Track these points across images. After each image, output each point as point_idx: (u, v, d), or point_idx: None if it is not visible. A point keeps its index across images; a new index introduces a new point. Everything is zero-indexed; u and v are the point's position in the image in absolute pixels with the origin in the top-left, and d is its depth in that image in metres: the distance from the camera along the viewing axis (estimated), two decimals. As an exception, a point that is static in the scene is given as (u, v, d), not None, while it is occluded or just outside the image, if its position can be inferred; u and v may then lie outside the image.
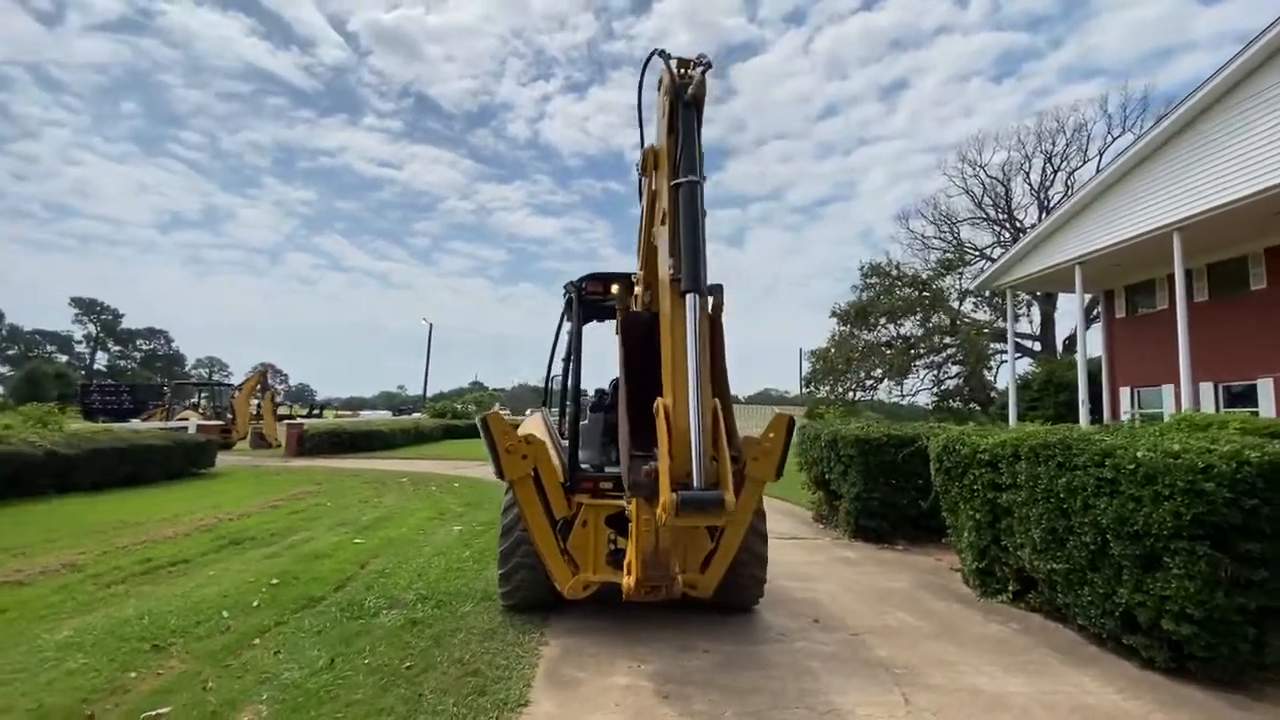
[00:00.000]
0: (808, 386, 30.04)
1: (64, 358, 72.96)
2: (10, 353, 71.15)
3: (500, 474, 4.26)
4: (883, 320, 27.40)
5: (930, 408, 29.32)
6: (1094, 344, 17.67)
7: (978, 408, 26.31)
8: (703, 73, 3.03)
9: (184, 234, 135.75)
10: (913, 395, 29.78)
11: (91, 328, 77.36)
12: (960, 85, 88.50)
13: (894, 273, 27.48)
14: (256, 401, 23.79)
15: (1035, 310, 27.60)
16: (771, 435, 4.52)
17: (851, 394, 28.39)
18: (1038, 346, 27.04)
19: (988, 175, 29.38)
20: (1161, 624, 3.85)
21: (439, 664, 3.89)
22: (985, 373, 27.12)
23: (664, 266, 3.10)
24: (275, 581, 5.65)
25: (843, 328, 28.34)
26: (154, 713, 3.29)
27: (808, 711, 3.42)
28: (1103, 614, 4.31)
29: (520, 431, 4.67)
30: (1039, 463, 4.85)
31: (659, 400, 2.89)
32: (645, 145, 3.47)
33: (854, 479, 7.88)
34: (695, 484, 2.61)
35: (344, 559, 6.60)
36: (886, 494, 7.70)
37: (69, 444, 10.75)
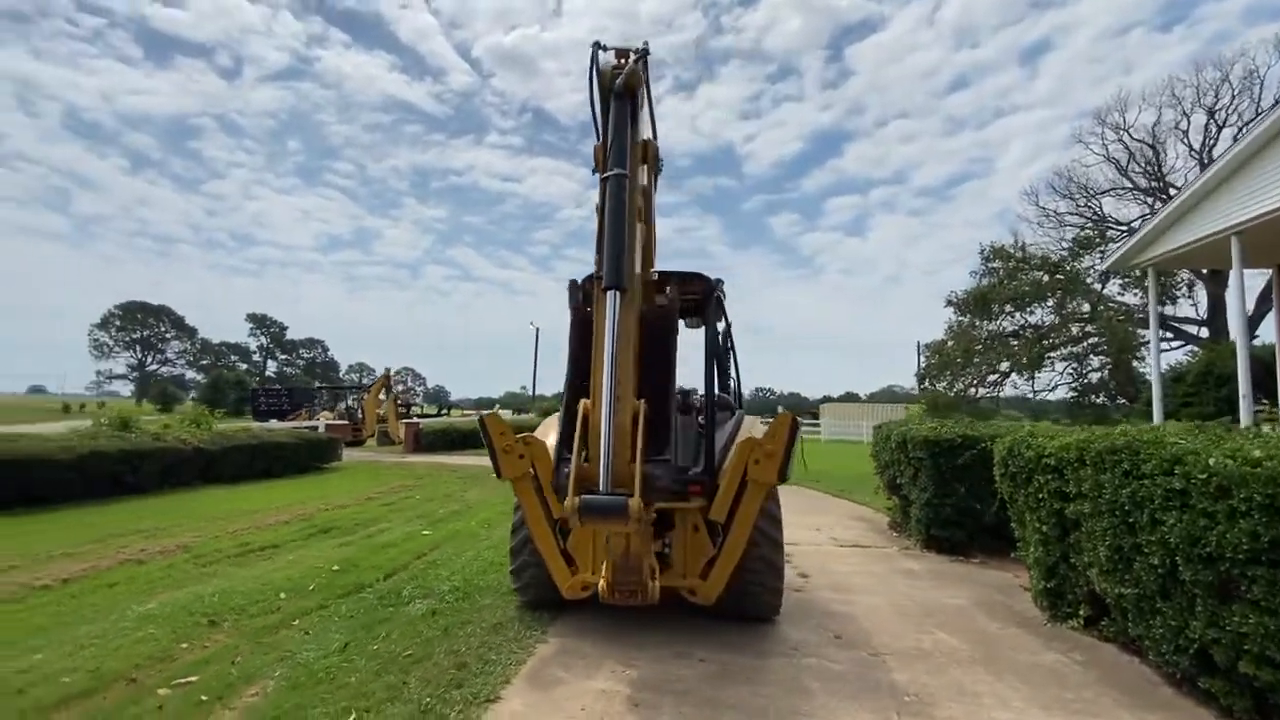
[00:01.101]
0: (922, 383, 27.92)
1: (244, 366, 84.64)
2: (204, 363, 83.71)
3: (498, 473, 4.36)
4: (1007, 308, 24.83)
5: (1069, 404, 26.22)
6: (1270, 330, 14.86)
7: (1125, 403, 23.09)
8: (635, 62, 2.91)
9: (340, 254, 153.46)
10: (1048, 391, 26.78)
11: (263, 339, 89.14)
12: (1118, 40, 78.04)
13: (1019, 255, 24.78)
14: (386, 402, 26.15)
15: (1201, 291, 23.76)
16: (774, 436, 4.25)
17: (973, 390, 26.04)
18: (1205, 333, 23.24)
19: (1133, 139, 25.68)
20: (1239, 666, 3.17)
21: (435, 654, 4.05)
22: (1134, 364, 23.71)
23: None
24: (337, 568, 6.18)
25: (961, 318, 26.05)
26: (184, 680, 3.72)
27: (780, 734, 3.18)
28: (1175, 650, 3.62)
29: (536, 433, 4.75)
30: (1104, 469, 4.17)
31: (583, 402, 2.82)
32: (598, 142, 3.40)
33: (924, 484, 7.22)
34: (601, 488, 2.52)
35: (407, 549, 7.07)
36: (961, 501, 6.97)
37: (212, 441, 12.44)
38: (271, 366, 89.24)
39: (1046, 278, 24.21)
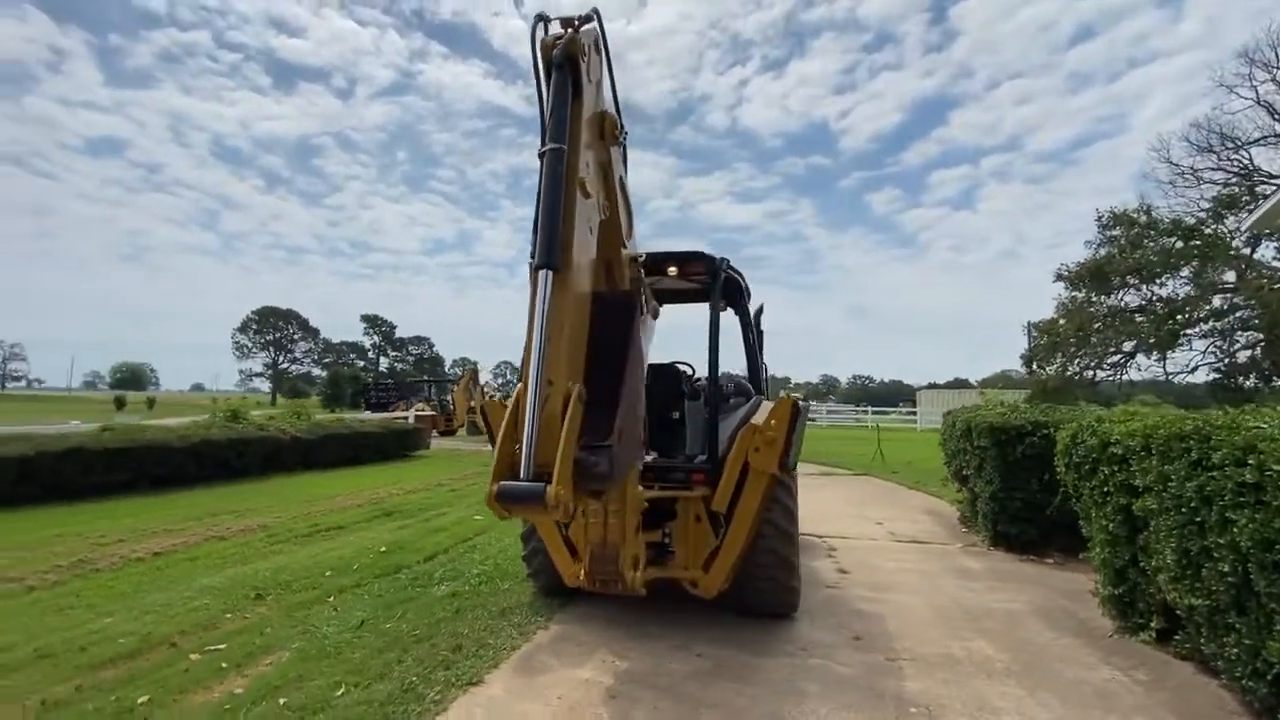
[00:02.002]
0: (1029, 366, 25.52)
1: (360, 363, 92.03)
2: (326, 361, 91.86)
3: None
4: (1130, 280, 22.13)
5: (1212, 386, 23.05)
6: None
7: (1283, 385, 19.94)
8: (573, 31, 2.77)
9: (444, 256, 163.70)
10: (1186, 372, 23.67)
11: (375, 338, 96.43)
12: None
13: (1144, 219, 21.96)
14: (475, 394, 27.52)
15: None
16: (774, 423, 4.00)
17: (1089, 373, 23.51)
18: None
19: (1294, 77, 21.91)
20: (1320, 699, 2.60)
21: (439, 635, 4.16)
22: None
23: None
24: (384, 550, 6.53)
25: (1074, 293, 23.54)
26: (215, 647, 4.05)
27: (754, 738, 2.98)
28: (1252, 673, 3.04)
29: None
30: (1170, 459, 3.57)
31: (519, 387, 2.74)
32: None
33: (989, 475, 6.56)
34: (522, 475, 2.43)
35: (455, 534, 7.36)
36: (1032, 495, 6.27)
37: (309, 431, 13.57)
38: (384, 363, 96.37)
39: (1179, 244, 21.27)
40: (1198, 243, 21.25)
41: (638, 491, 3.61)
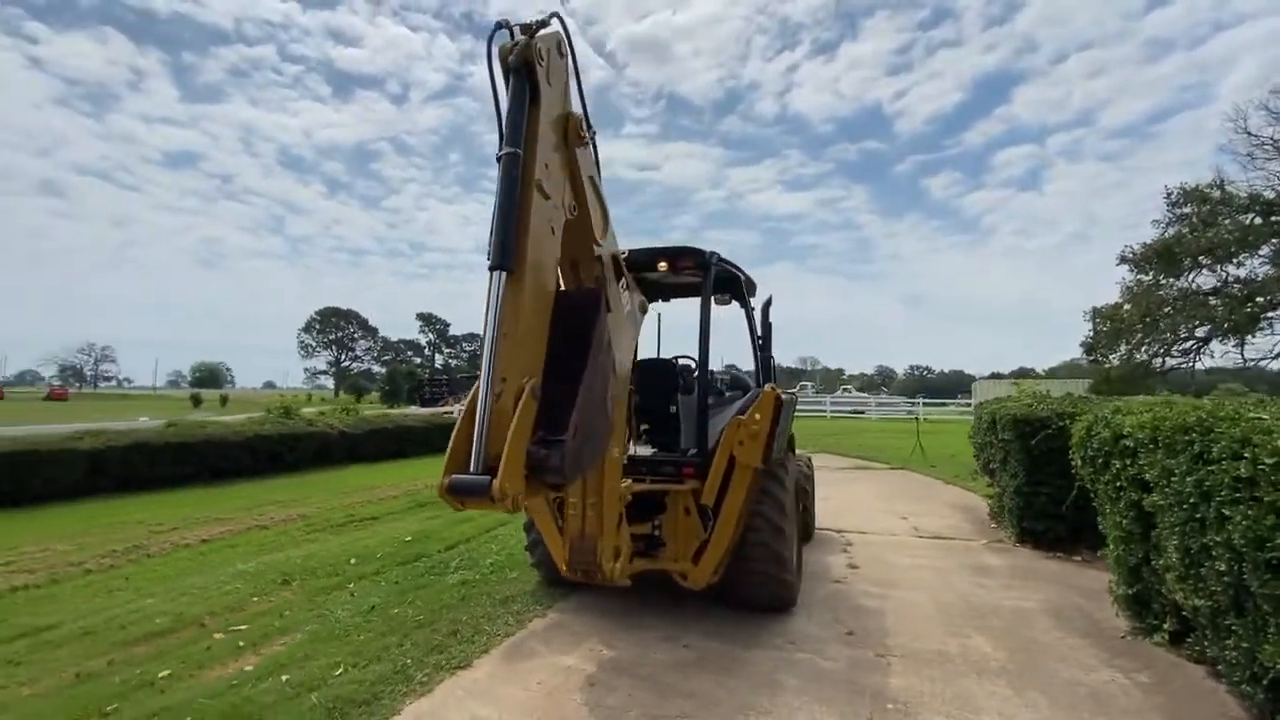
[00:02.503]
0: (1090, 354, 24.16)
1: (417, 360, 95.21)
2: (385, 358, 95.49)
3: None
4: (1202, 260, 20.64)
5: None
6: None
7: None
8: (529, 37, 2.84)
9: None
10: (1270, 358, 21.92)
11: (431, 335, 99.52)
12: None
13: (1217, 195, 20.41)
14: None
15: None
16: (758, 416, 3.99)
17: (1158, 360, 22.09)
18: None
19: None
20: (1310, 708, 2.44)
21: (439, 621, 4.35)
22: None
23: None
24: (409, 539, 6.83)
25: (1140, 276, 22.13)
26: (238, 628, 4.36)
27: (720, 728, 3.02)
28: (1250, 677, 2.88)
29: None
30: (1174, 452, 3.39)
31: (478, 383, 2.83)
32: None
33: (1014, 469, 6.33)
34: (472, 468, 2.53)
35: (479, 524, 7.60)
36: (1060, 490, 6.00)
37: (355, 426, 14.22)
38: (438, 360, 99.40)
39: (1258, 220, 19.65)
40: (1278, 219, 19.60)
41: (618, 484, 3.67)
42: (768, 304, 6.14)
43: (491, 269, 2.67)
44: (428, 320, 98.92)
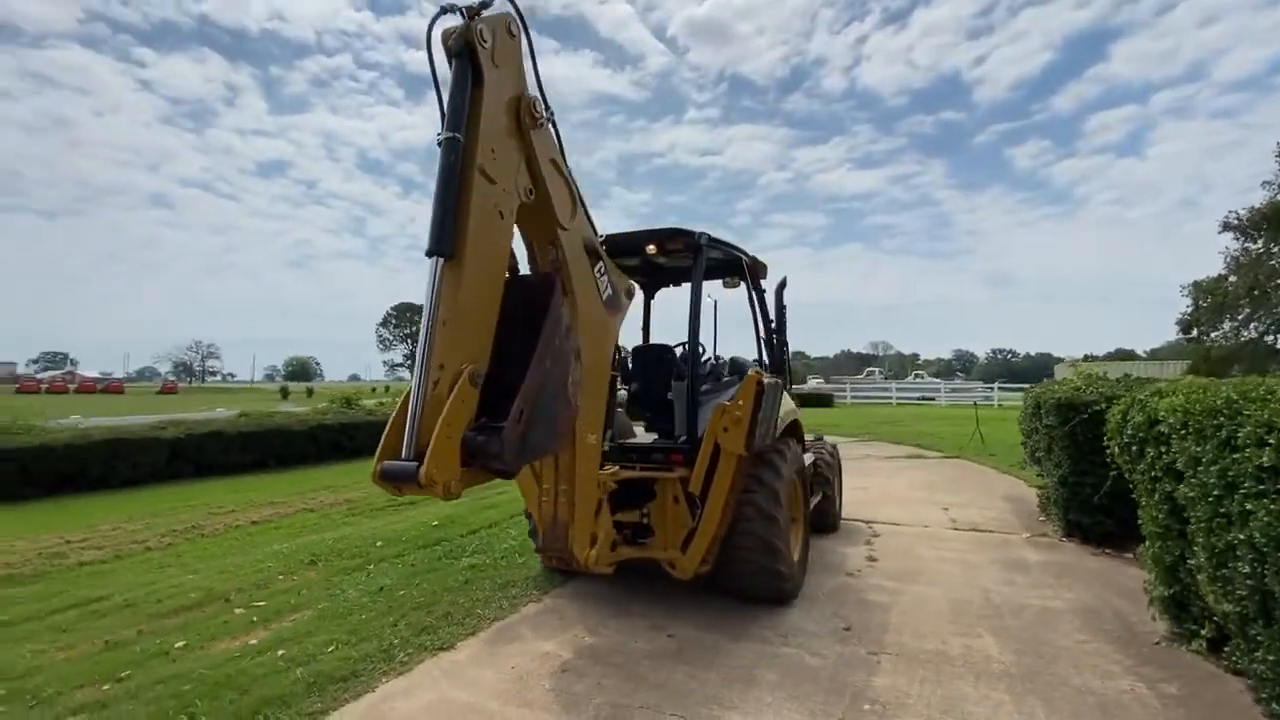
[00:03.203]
0: (1188, 332, 21.98)
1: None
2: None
3: None
4: (1324, 225, 18.33)
5: None
6: None
7: None
8: (469, 19, 2.80)
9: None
10: None
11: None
12: None
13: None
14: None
15: None
16: (741, 402, 3.84)
17: (1269, 337, 19.87)
18: None
19: None
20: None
21: (438, 604, 4.47)
22: None
23: None
24: (436, 524, 7.06)
25: (1246, 244, 19.92)
26: (258, 604, 4.63)
27: (676, 719, 2.94)
28: (1278, 695, 2.52)
29: None
30: (1204, 438, 3.01)
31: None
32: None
33: (1058, 458, 5.84)
34: (404, 454, 2.54)
35: (504, 510, 7.77)
36: (1110, 481, 5.48)
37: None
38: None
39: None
40: None
41: (593, 471, 3.62)
42: (781, 286, 5.91)
43: (428, 254, 2.68)
44: None
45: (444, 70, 2.85)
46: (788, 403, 4.80)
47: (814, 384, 49.42)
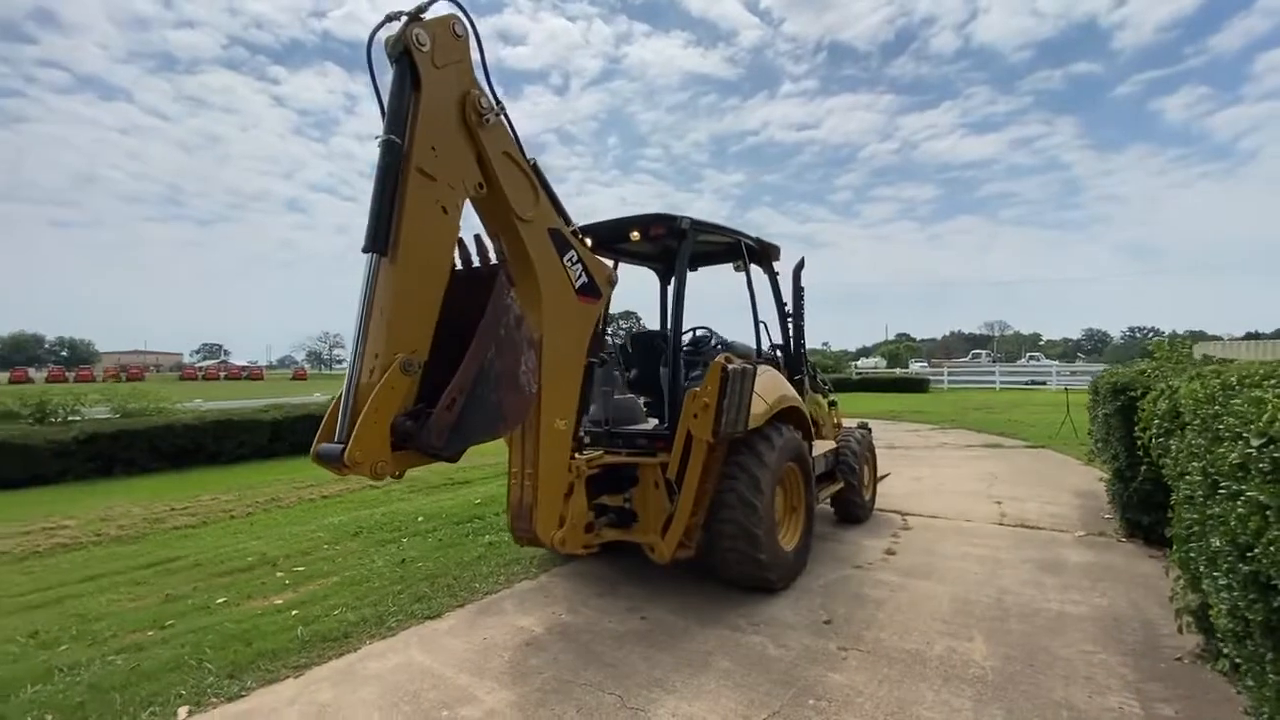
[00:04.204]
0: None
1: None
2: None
3: None
4: None
5: None
6: None
7: None
8: (407, 23, 2.92)
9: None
10: None
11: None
12: None
13: None
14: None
15: None
16: (708, 388, 3.78)
17: None
18: None
19: None
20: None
21: (444, 576, 4.77)
22: None
23: None
24: (479, 501, 7.47)
25: None
26: (297, 569, 5.16)
27: (615, 699, 3.00)
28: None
29: None
30: (1201, 429, 2.65)
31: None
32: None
33: (1115, 449, 5.25)
34: (337, 437, 2.73)
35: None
36: (1140, 475, 4.86)
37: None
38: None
39: None
40: None
41: (562, 456, 3.71)
42: (799, 268, 5.70)
43: (363, 251, 2.87)
44: (625, 317, 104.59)
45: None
46: (781, 388, 4.64)
47: (916, 367, 46.68)
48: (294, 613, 4.15)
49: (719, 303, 7.09)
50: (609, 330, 6.04)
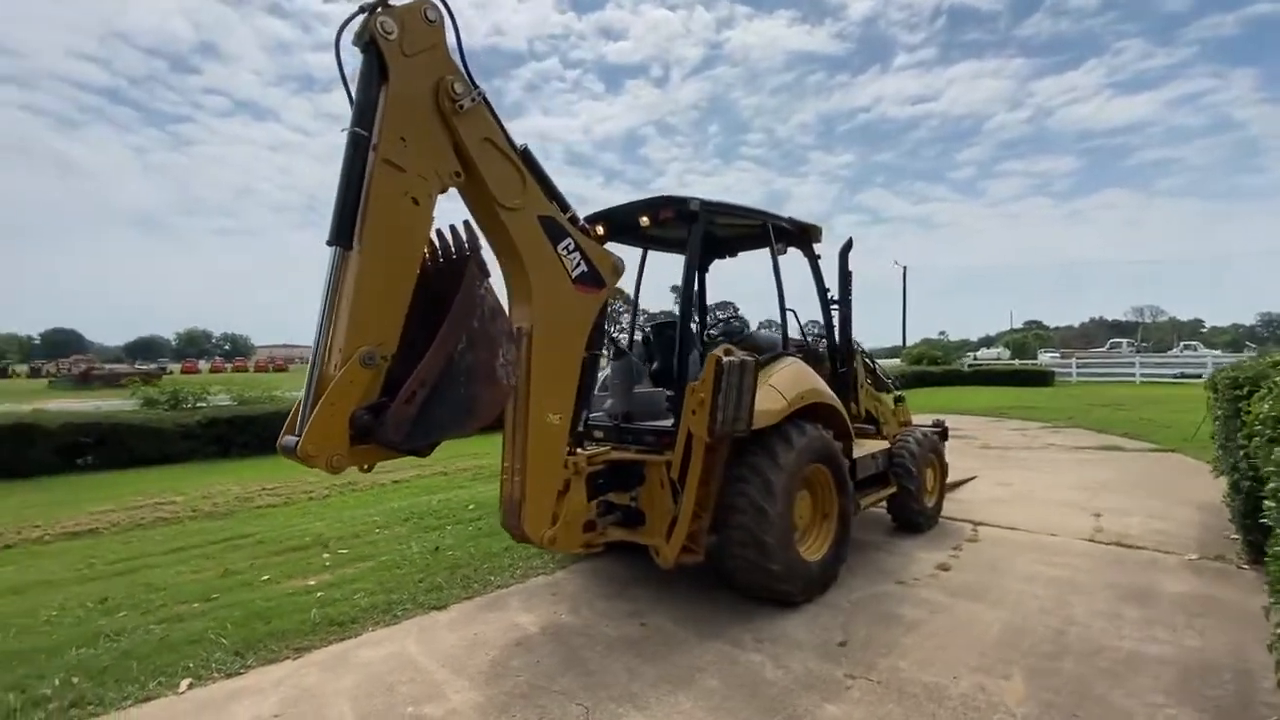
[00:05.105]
0: None
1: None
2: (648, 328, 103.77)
3: None
4: None
5: None
6: None
7: None
8: (373, 11, 2.87)
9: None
10: None
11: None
12: None
13: None
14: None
15: None
16: (705, 382, 3.50)
17: None
18: None
19: None
20: None
21: (467, 566, 4.81)
22: None
23: None
24: (530, 493, 7.55)
25: None
26: (342, 550, 5.44)
27: (580, 711, 2.84)
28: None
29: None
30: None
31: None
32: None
33: (1234, 456, 4.36)
34: (297, 429, 2.73)
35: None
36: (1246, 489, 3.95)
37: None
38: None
39: None
40: None
41: (555, 452, 3.59)
42: (846, 250, 5.21)
43: (327, 244, 2.88)
44: (721, 307, 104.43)
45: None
46: (806, 381, 4.23)
47: (1046, 358, 41.84)
48: (319, 594, 4.35)
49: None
50: (637, 320, 5.87)
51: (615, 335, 5.09)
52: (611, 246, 5.00)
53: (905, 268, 41.72)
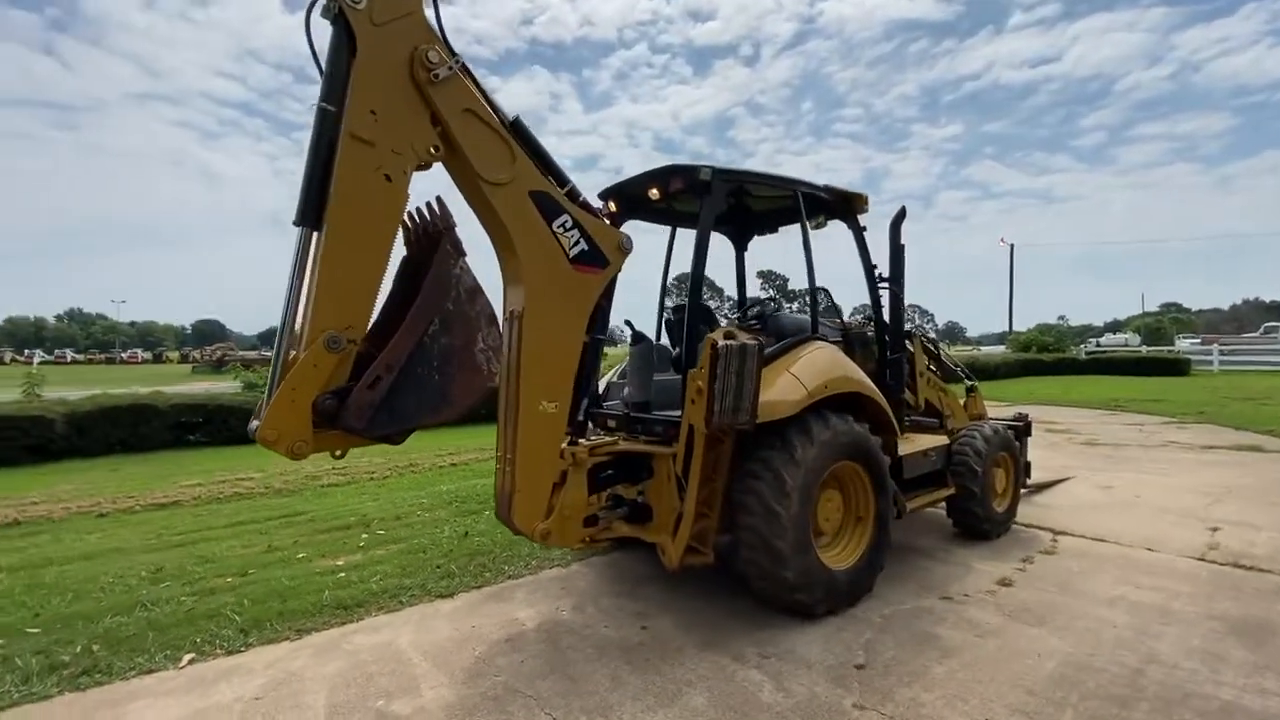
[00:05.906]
0: None
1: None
2: (734, 316, 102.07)
3: None
4: None
5: None
6: None
7: None
8: (335, -20, 2.74)
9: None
10: None
11: (771, 291, 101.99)
12: None
13: None
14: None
15: None
16: (702, 369, 3.16)
17: None
18: None
19: None
20: None
21: (485, 555, 4.74)
22: None
23: None
24: (576, 480, 7.46)
25: None
26: (381, 531, 5.56)
27: (546, 718, 2.64)
28: None
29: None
30: None
31: None
32: None
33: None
34: (261, 414, 2.66)
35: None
36: None
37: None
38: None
39: None
40: None
41: (551, 442, 3.38)
42: (898, 220, 4.65)
43: (294, 224, 2.80)
44: (767, 277, 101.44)
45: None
46: (835, 368, 3.77)
47: (1186, 345, 36.63)
48: (340, 575, 4.42)
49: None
50: (666, 303, 5.54)
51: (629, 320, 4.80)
52: (636, 225, 4.84)
53: (1012, 245, 38.20)
